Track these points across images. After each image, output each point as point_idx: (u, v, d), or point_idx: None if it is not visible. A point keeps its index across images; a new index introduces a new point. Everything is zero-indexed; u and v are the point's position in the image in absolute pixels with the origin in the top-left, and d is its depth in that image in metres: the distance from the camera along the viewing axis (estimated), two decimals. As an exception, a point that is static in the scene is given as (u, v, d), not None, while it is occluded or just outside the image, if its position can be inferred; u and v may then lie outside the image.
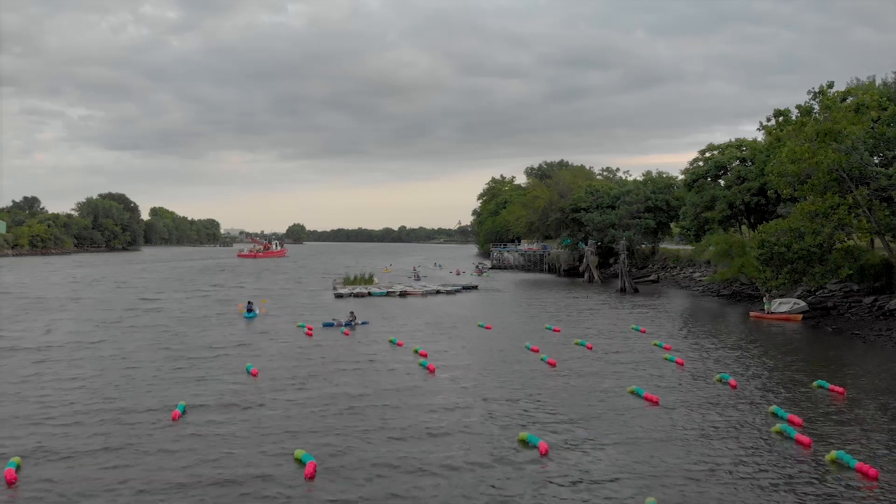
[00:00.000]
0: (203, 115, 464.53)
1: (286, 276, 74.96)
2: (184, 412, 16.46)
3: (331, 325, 31.35)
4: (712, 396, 18.09)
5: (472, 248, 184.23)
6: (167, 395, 18.21)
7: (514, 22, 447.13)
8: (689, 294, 50.44)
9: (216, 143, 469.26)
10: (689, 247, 65.70)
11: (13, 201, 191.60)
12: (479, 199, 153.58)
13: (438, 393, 18.57)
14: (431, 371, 21.26)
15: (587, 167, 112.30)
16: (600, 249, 68.13)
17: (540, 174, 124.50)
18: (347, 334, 29.26)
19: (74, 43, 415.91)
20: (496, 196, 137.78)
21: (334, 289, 52.54)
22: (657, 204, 66.99)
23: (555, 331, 29.97)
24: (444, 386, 19.44)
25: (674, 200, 67.07)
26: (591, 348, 25.35)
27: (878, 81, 37.94)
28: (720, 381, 19.87)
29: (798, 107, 34.65)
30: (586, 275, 64.21)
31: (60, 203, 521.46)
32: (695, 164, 51.94)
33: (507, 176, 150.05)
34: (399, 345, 26.16)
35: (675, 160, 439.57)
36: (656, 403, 17.30)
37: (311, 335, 28.95)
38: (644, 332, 29.58)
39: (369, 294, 48.79)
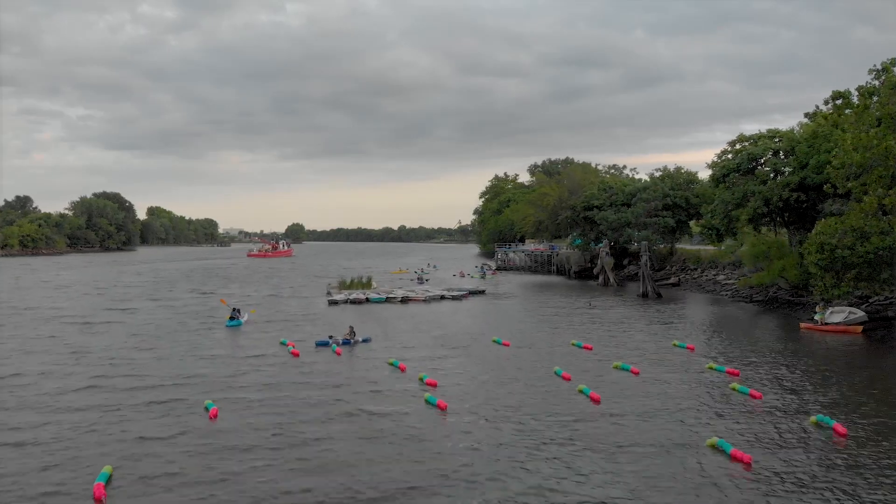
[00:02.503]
0: (202, 115, 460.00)
1: (281, 278, 70.36)
2: (107, 483, 11.96)
3: (325, 343, 26.44)
4: (823, 454, 13.49)
5: (473, 248, 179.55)
6: (95, 457, 13.67)
7: (513, 21, 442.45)
8: (717, 300, 45.94)
9: (216, 143, 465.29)
10: (709, 247, 61.32)
11: (5, 200, 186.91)
12: (481, 197, 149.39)
13: (452, 447, 14.00)
14: (442, 409, 16.71)
15: (593, 165, 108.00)
16: (613, 250, 63.64)
17: (545, 171, 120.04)
18: (339, 354, 24.68)
19: (73, 42, 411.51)
20: (499, 194, 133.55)
21: (328, 294, 47.94)
22: (676, 201, 62.42)
23: (585, 348, 25.37)
24: (459, 433, 14.88)
25: (694, 198, 62.56)
26: (636, 374, 20.77)
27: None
28: (818, 424, 15.31)
29: (859, 88, 30.19)
30: (601, 277, 59.61)
31: (59, 203, 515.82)
32: (723, 158, 47.33)
33: (510, 174, 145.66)
34: (401, 369, 21.55)
35: (675, 160, 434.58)
36: (749, 466, 12.76)
37: (296, 355, 24.36)
38: (692, 350, 25.00)
39: (367, 300, 44.20)
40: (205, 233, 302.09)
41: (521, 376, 20.64)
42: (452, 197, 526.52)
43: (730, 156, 46.91)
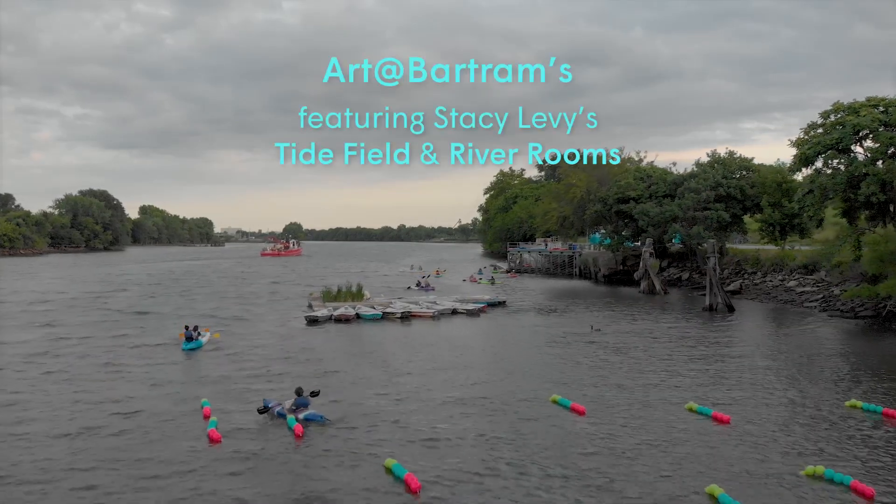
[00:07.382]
0: (200, 114, 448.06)
1: (261, 285, 60.16)
2: None
3: (268, 407, 15.89)
4: None
5: (477, 248, 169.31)
6: None
7: (512, 20, 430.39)
8: (803, 313, 35.68)
9: (213, 142, 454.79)
10: (770, 246, 51.40)
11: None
12: (485, 193, 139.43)
13: None
14: None
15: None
16: (654, 250, 53.50)
17: (554, 166, 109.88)
18: (300, 435, 14.42)
19: (68, 41, 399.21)
20: (504, 190, 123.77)
21: (309, 307, 37.72)
22: (730, 192, 52.27)
23: (717, 419, 15.10)
24: None
25: (749, 188, 52.50)
26: (869, 497, 10.60)
27: None
28: None
29: None
30: (643, 284, 49.42)
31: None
32: (811, 133, 37.10)
33: (516, 170, 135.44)
34: (412, 489, 11.22)
35: (674, 158, 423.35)
36: None
37: (217, 441, 13.97)
38: (894, 418, 14.83)
39: (357, 317, 33.89)
40: (199, 232, 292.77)
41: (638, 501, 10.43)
42: (452, 196, 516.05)
43: (820, 130, 36.76)
